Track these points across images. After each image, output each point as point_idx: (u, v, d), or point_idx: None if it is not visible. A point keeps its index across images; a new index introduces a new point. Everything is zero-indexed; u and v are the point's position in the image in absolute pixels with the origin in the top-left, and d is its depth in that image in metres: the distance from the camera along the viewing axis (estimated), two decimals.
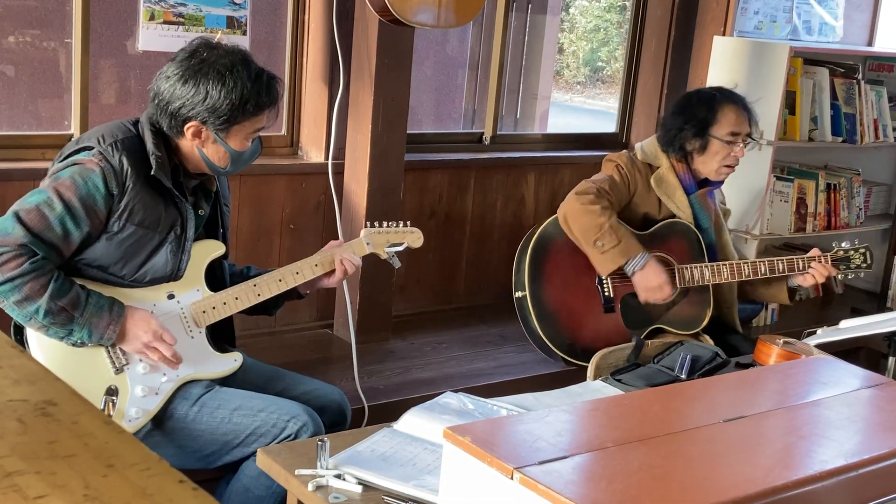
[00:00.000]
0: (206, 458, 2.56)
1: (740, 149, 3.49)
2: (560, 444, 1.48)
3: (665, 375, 2.71)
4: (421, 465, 2.09)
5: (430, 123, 5.23)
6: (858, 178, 4.95)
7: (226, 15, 3.53)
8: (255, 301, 2.66)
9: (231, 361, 2.65)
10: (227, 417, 2.52)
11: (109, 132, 2.48)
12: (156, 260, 2.51)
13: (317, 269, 2.74)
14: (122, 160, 2.42)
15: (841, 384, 1.86)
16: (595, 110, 8.32)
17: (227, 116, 2.48)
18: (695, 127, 3.48)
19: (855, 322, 3.15)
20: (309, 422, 2.51)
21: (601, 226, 3.33)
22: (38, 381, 1.26)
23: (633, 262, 3.37)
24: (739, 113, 3.51)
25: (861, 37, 5.48)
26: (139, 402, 2.50)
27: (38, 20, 3.58)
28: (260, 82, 2.51)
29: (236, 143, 2.55)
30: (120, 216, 2.43)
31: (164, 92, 2.49)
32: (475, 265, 4.43)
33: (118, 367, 2.48)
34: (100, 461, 1.08)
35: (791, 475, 1.44)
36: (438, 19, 3.47)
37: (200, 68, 2.47)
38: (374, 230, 2.86)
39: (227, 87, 2.46)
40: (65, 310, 2.36)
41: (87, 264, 2.46)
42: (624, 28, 5.41)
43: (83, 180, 2.39)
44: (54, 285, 2.34)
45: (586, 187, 3.44)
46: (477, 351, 3.92)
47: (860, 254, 3.56)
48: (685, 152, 3.52)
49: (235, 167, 2.61)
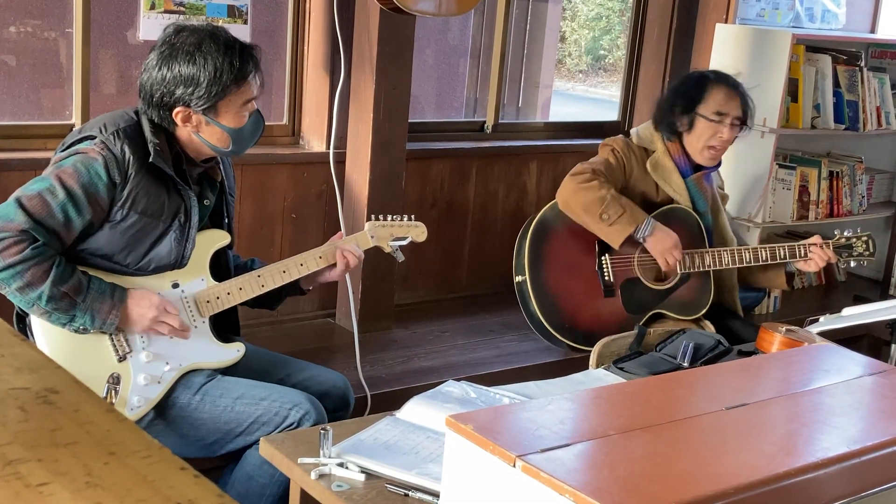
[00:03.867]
0: (209, 447, 2.56)
1: (727, 130, 3.49)
2: (562, 432, 1.48)
3: (667, 363, 2.70)
4: (424, 453, 2.09)
5: (431, 112, 5.22)
6: (861, 166, 4.94)
7: (227, 4, 3.53)
8: (259, 292, 2.66)
9: (234, 352, 2.65)
10: (229, 406, 2.53)
11: (111, 121, 2.49)
12: (160, 248, 2.52)
13: (321, 261, 2.74)
14: (125, 148, 2.43)
15: (843, 371, 1.86)
16: (597, 98, 8.32)
17: (207, 94, 2.48)
18: (683, 104, 3.51)
19: (857, 310, 3.14)
20: (311, 410, 2.52)
21: (603, 198, 3.35)
22: (39, 370, 1.27)
23: (643, 229, 3.40)
24: (730, 94, 3.52)
25: (864, 24, 5.46)
26: (141, 390, 2.50)
27: (38, 10, 3.57)
28: (231, 52, 2.51)
29: (229, 120, 2.55)
30: (123, 205, 2.43)
31: (146, 84, 2.52)
32: (477, 254, 4.43)
33: (121, 354, 2.49)
34: (101, 449, 1.08)
35: (794, 462, 1.44)
36: (440, 8, 3.46)
37: (171, 52, 2.49)
38: (379, 223, 2.85)
39: (197, 65, 2.47)
40: (67, 295, 2.36)
41: (92, 253, 2.46)
42: (626, 16, 5.40)
43: (85, 168, 2.39)
44: (56, 271, 2.34)
45: (581, 168, 3.46)
46: (479, 339, 3.92)
47: (862, 241, 3.57)
48: (676, 131, 3.54)
49: (239, 146, 2.61)
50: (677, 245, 3.44)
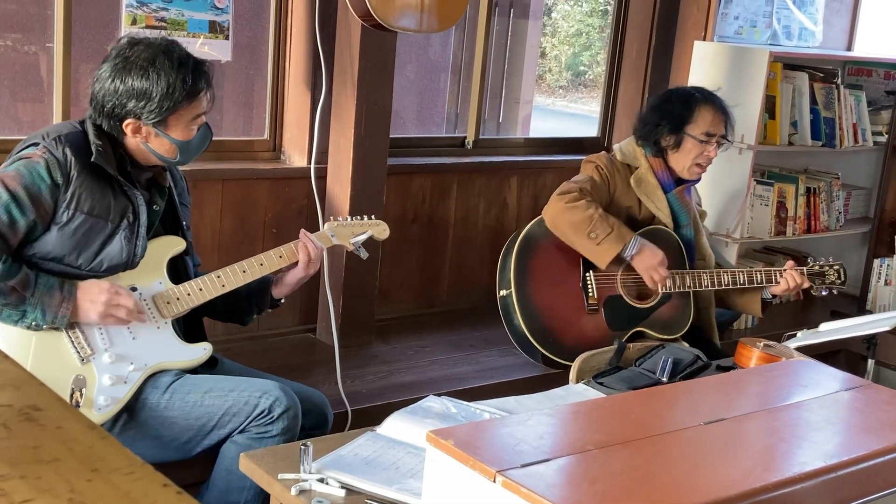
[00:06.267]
0: (185, 447, 2.57)
1: (713, 149, 3.56)
2: (542, 446, 1.49)
3: (647, 378, 2.72)
4: (404, 468, 2.10)
5: (412, 127, 5.24)
6: (838, 182, 4.98)
7: (208, 19, 3.53)
8: (220, 292, 2.68)
9: (200, 350, 2.68)
10: (198, 401, 2.54)
11: (55, 129, 2.55)
12: (110, 248, 2.54)
13: (281, 259, 2.76)
14: (66, 151, 2.47)
15: (821, 386, 1.88)
16: (577, 114, 8.35)
17: (159, 108, 2.52)
18: (671, 123, 3.55)
19: (835, 325, 3.17)
20: (282, 396, 2.53)
21: (591, 217, 3.38)
22: (22, 386, 1.27)
23: (630, 247, 3.43)
24: (716, 114, 3.57)
25: (840, 42, 5.52)
26: (107, 390, 2.52)
27: (19, 24, 3.57)
28: (185, 69, 2.54)
29: (178, 133, 2.58)
30: (68, 206, 2.47)
31: (97, 93, 2.55)
32: (458, 269, 4.44)
33: (83, 356, 2.51)
34: (84, 465, 1.08)
35: (771, 477, 1.45)
36: (421, 24, 3.48)
37: (125, 66, 2.52)
38: (338, 223, 2.91)
39: (150, 80, 2.50)
40: (15, 290, 2.40)
41: (43, 257, 2.49)
42: (606, 32, 5.43)
43: (27, 170, 2.45)
44: (3, 266, 2.39)
45: (568, 187, 3.48)
46: (460, 354, 3.93)
47: (834, 270, 3.66)
48: (660, 148, 3.58)
49: (186, 157, 2.65)
50: (663, 263, 3.47)
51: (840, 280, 3.66)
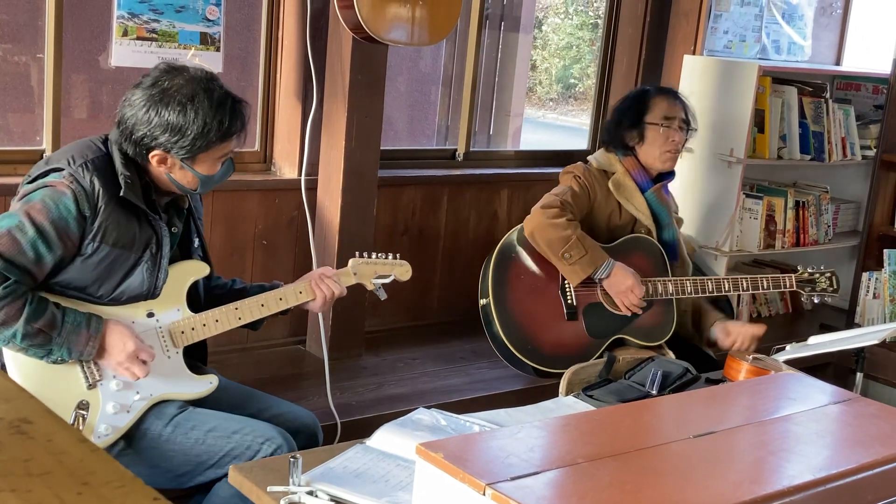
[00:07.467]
0: (179, 479, 2.54)
1: (677, 133, 3.62)
2: (532, 459, 1.49)
3: (636, 391, 2.72)
4: (394, 481, 2.10)
5: (403, 140, 5.24)
6: (827, 196, 5.01)
7: (199, 31, 3.54)
8: (235, 325, 2.66)
9: (206, 384, 2.64)
10: (201, 438, 2.51)
11: (79, 152, 2.46)
12: (132, 279, 2.50)
13: (301, 295, 2.74)
14: (94, 181, 2.40)
15: (809, 400, 1.88)
16: (567, 127, 8.37)
17: (190, 146, 2.46)
18: (630, 119, 3.66)
19: (824, 338, 3.18)
20: (283, 444, 2.50)
21: (568, 238, 3.41)
22: (12, 399, 1.26)
23: (601, 270, 3.47)
24: (671, 101, 3.70)
25: (829, 56, 5.55)
26: (109, 418, 2.49)
27: (9, 34, 3.56)
28: (223, 109, 2.48)
29: (204, 168, 2.54)
30: (94, 237, 2.41)
31: (128, 119, 2.47)
32: (448, 281, 4.44)
33: (91, 382, 2.47)
34: (74, 479, 1.08)
35: (760, 490, 1.46)
36: (412, 37, 3.49)
37: (162, 98, 2.45)
38: (362, 260, 2.84)
39: (188, 118, 2.44)
40: (42, 331, 2.35)
41: (64, 286, 2.45)
42: (596, 45, 5.45)
43: (54, 203, 2.37)
44: (29, 308, 2.33)
45: (550, 201, 3.51)
46: (450, 367, 3.93)
47: (826, 277, 3.65)
48: (628, 147, 3.63)
49: (205, 189, 2.62)
50: (634, 287, 3.49)
51: (832, 287, 3.64)
